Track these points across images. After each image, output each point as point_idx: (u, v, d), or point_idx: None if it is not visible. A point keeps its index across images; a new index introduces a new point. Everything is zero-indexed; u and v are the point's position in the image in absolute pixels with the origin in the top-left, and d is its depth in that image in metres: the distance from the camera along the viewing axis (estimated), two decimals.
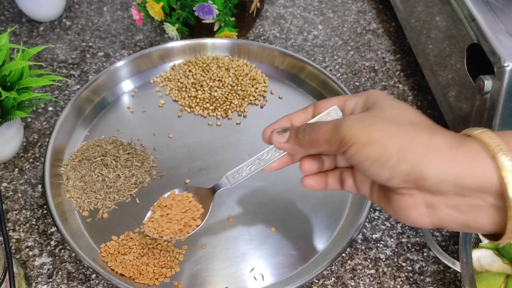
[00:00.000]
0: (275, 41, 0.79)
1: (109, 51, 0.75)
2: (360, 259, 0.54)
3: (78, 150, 0.58)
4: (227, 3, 0.71)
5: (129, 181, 0.56)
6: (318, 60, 0.75)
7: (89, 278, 0.51)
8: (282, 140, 0.37)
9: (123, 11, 0.83)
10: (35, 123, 0.65)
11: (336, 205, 0.56)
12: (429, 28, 0.65)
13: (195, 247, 0.52)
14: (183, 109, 0.65)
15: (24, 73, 0.55)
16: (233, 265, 0.51)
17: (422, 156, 0.29)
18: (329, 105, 0.38)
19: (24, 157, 0.61)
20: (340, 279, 0.52)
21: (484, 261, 0.47)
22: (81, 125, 0.61)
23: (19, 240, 0.54)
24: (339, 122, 0.33)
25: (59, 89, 0.69)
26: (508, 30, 0.51)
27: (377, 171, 0.31)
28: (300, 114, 0.39)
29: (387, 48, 0.78)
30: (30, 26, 0.79)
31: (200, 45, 0.69)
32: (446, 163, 0.29)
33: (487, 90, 0.50)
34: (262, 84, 0.67)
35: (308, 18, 0.83)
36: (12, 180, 0.59)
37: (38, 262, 0.52)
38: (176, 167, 0.58)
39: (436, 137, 0.30)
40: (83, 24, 0.80)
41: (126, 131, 0.62)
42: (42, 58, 0.74)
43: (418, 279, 0.53)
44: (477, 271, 0.47)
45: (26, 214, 0.56)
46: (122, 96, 0.66)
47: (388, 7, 0.85)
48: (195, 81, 0.66)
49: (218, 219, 0.54)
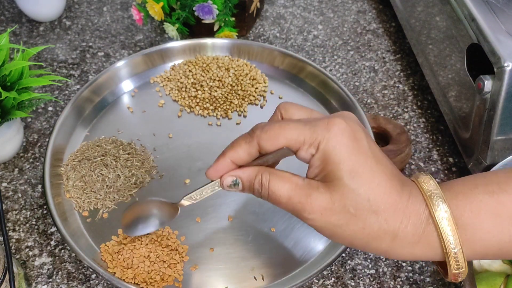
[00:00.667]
0: (275, 41, 0.79)
1: (109, 51, 0.75)
2: (360, 259, 0.54)
3: (78, 150, 0.58)
4: (227, 3, 0.71)
5: (129, 181, 0.56)
6: (318, 60, 0.76)
7: (89, 278, 0.51)
8: (236, 191, 0.37)
9: (123, 11, 0.83)
10: (35, 123, 0.65)
11: None
12: (429, 28, 0.65)
13: (195, 246, 0.52)
14: (183, 109, 0.65)
15: (24, 73, 0.55)
16: (233, 265, 0.51)
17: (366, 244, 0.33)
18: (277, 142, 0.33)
19: (24, 157, 0.61)
20: (340, 279, 0.52)
21: (484, 261, 0.47)
22: (81, 125, 0.61)
23: (19, 240, 0.54)
24: (303, 203, 0.33)
25: (59, 89, 0.69)
26: (508, 30, 0.51)
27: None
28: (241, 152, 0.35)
29: (387, 48, 0.78)
30: (30, 26, 0.79)
31: (200, 45, 0.69)
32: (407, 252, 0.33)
33: (487, 90, 0.50)
34: (262, 84, 0.67)
35: (308, 18, 0.83)
36: (12, 180, 0.59)
37: (38, 262, 0.52)
38: (176, 167, 0.58)
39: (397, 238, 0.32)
40: (83, 24, 0.80)
41: (126, 131, 0.62)
42: (42, 58, 0.74)
43: (418, 279, 0.53)
44: (477, 271, 0.47)
45: (26, 214, 0.56)
46: (122, 96, 0.66)
47: (388, 7, 0.85)
48: (195, 81, 0.66)
49: (218, 219, 0.54)
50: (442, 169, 0.62)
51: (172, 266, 0.49)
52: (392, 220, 0.31)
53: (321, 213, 0.32)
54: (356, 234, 0.32)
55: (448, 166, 0.63)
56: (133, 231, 0.46)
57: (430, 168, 0.63)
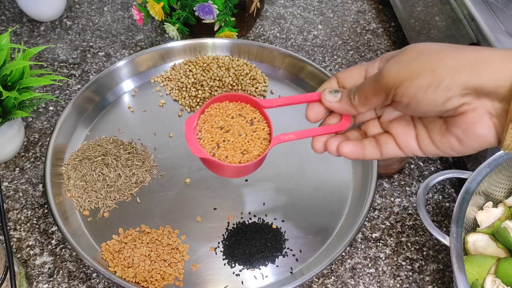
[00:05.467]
0: (275, 41, 0.79)
1: (110, 51, 0.76)
2: (359, 258, 0.54)
3: (79, 150, 0.58)
4: (227, 3, 0.71)
5: (129, 181, 0.56)
6: (318, 60, 0.76)
7: (90, 277, 0.51)
8: (333, 99, 0.38)
9: (123, 11, 0.83)
10: (36, 122, 0.65)
11: (336, 205, 0.56)
12: (429, 28, 0.65)
13: (195, 245, 0.52)
14: (184, 109, 0.65)
15: (25, 73, 0.55)
16: (234, 264, 0.51)
17: (475, 68, 0.30)
18: (350, 75, 0.38)
19: (25, 157, 0.61)
20: (340, 278, 0.52)
21: (479, 244, 0.48)
22: (82, 124, 0.62)
23: (20, 239, 0.54)
24: (379, 73, 0.34)
25: (60, 88, 0.70)
26: (507, 30, 0.51)
27: (433, 97, 0.31)
28: (349, 75, 0.39)
29: (387, 48, 0.79)
30: (31, 26, 0.79)
31: (200, 45, 0.69)
32: (498, 71, 0.30)
33: None
34: (262, 83, 0.67)
35: (308, 18, 0.83)
36: (13, 180, 0.59)
37: (39, 261, 0.52)
38: (176, 166, 0.58)
39: (483, 51, 0.31)
40: (83, 24, 0.80)
41: (126, 131, 0.62)
42: (43, 58, 0.74)
43: (418, 278, 0.53)
44: (471, 254, 0.48)
45: (27, 213, 0.56)
46: (123, 95, 0.66)
47: (387, 7, 0.85)
48: (195, 81, 0.66)
49: (217, 218, 0.54)
50: (441, 168, 0.63)
51: (173, 265, 0.50)
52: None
53: (400, 69, 0.33)
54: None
55: (447, 165, 0.63)
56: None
57: (430, 167, 0.63)
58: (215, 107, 0.42)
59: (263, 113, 0.41)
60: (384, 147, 0.38)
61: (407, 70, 0.32)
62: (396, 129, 0.38)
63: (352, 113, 0.38)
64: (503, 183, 0.52)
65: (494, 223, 0.49)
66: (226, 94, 0.41)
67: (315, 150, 0.40)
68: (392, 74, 0.33)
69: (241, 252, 0.51)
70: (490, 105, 0.31)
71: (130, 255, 0.49)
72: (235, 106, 0.42)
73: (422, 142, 0.36)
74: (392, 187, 0.61)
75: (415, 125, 0.37)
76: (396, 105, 0.34)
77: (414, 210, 0.58)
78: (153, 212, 0.54)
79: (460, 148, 0.34)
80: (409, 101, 0.32)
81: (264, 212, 0.55)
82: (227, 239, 0.52)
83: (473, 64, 0.30)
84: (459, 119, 0.32)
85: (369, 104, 0.35)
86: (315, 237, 0.53)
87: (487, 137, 0.32)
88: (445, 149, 0.35)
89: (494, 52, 0.31)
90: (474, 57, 0.31)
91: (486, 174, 0.49)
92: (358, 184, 0.57)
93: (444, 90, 0.31)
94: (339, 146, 0.38)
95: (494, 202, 0.52)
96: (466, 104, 0.31)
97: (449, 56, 0.31)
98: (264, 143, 0.41)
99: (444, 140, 0.34)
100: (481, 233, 0.49)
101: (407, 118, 0.37)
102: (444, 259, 0.54)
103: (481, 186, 0.49)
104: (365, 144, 0.38)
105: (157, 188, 0.56)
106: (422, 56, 0.32)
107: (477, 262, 0.46)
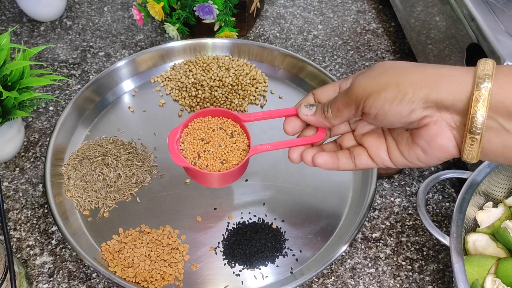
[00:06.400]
0: (275, 41, 0.79)
1: (110, 51, 0.76)
2: (360, 258, 0.54)
3: (79, 150, 0.58)
4: (227, 3, 0.71)
5: (129, 181, 0.56)
6: (318, 60, 0.76)
7: (90, 277, 0.51)
8: (309, 113, 0.41)
9: (123, 11, 0.83)
10: (36, 122, 0.65)
11: (336, 204, 0.56)
12: (429, 28, 0.65)
13: (195, 245, 0.52)
14: (184, 109, 0.65)
15: (25, 73, 0.55)
16: (234, 264, 0.51)
17: (435, 83, 0.32)
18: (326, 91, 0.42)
19: (25, 157, 0.61)
20: (340, 278, 0.52)
21: (479, 244, 0.48)
22: (82, 124, 0.62)
23: (20, 239, 0.54)
24: (349, 87, 0.36)
25: (60, 88, 0.70)
26: (507, 30, 0.51)
27: (398, 109, 0.34)
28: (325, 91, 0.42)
29: (387, 48, 0.79)
30: (31, 26, 0.79)
31: (200, 45, 0.69)
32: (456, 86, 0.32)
33: None
34: (262, 83, 0.67)
35: (308, 18, 0.83)
36: (13, 180, 0.59)
37: (39, 261, 0.52)
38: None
39: (443, 69, 0.33)
40: (83, 24, 0.80)
41: (126, 131, 0.62)
42: (43, 58, 0.74)
43: (418, 278, 0.53)
44: (471, 254, 0.48)
45: (27, 213, 0.56)
46: (123, 95, 0.66)
47: (388, 7, 0.85)
48: (195, 81, 0.66)
49: (217, 218, 0.54)
50: (441, 168, 0.63)
51: (173, 265, 0.50)
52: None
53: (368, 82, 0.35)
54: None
55: (447, 165, 0.63)
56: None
57: (430, 167, 0.63)
58: (198, 121, 0.46)
59: (243, 126, 0.46)
60: (358, 158, 0.40)
61: (375, 84, 0.34)
62: (368, 141, 0.40)
63: (326, 125, 0.40)
64: (503, 183, 0.52)
65: (494, 223, 0.49)
66: (208, 109, 0.46)
67: (291, 160, 0.43)
68: (361, 87, 0.35)
69: (241, 252, 0.51)
70: (450, 118, 0.33)
71: (130, 255, 0.49)
72: (216, 120, 0.46)
73: (392, 153, 0.39)
74: (392, 187, 0.61)
75: (386, 138, 0.39)
76: (366, 117, 0.36)
77: (414, 210, 0.58)
78: (153, 212, 0.54)
79: (425, 158, 0.36)
80: (377, 113, 0.35)
81: (264, 212, 0.55)
82: (227, 239, 0.52)
83: (434, 80, 0.33)
84: (423, 131, 0.35)
85: (341, 116, 0.38)
86: (315, 237, 0.53)
87: (449, 147, 0.34)
88: (413, 160, 0.37)
89: (453, 69, 0.33)
90: (435, 73, 0.33)
91: (486, 174, 0.49)
92: (358, 184, 0.57)
93: (408, 103, 0.33)
94: (314, 157, 0.41)
95: (494, 202, 0.52)
96: (428, 116, 0.33)
97: (412, 72, 0.34)
98: (243, 153, 0.45)
99: (411, 151, 0.37)
100: (481, 233, 0.49)
101: (378, 131, 0.40)
102: (444, 259, 0.54)
103: (481, 186, 0.49)
104: (339, 155, 0.41)
105: (157, 188, 0.56)
106: (388, 71, 0.35)
107: (477, 262, 0.46)
